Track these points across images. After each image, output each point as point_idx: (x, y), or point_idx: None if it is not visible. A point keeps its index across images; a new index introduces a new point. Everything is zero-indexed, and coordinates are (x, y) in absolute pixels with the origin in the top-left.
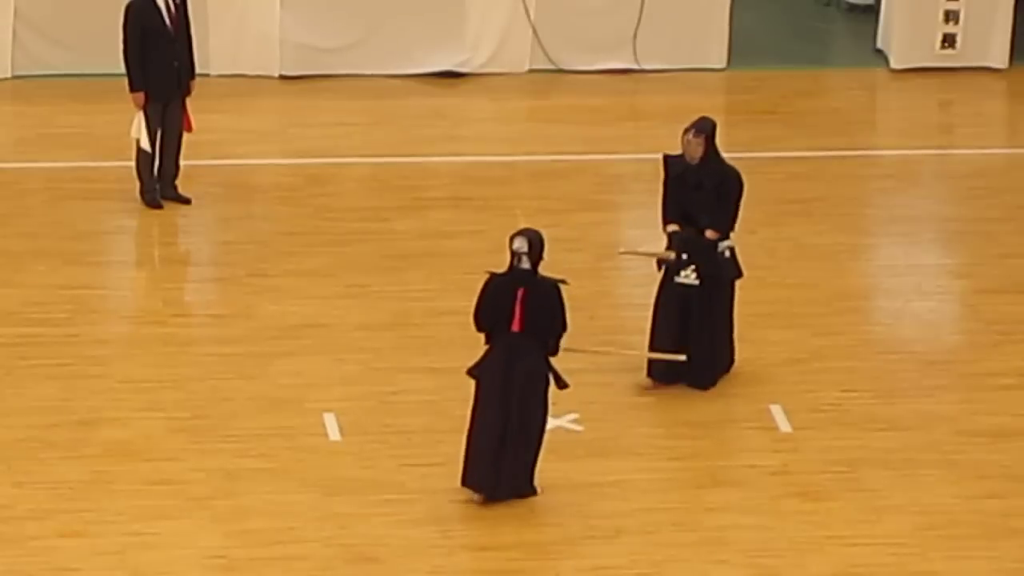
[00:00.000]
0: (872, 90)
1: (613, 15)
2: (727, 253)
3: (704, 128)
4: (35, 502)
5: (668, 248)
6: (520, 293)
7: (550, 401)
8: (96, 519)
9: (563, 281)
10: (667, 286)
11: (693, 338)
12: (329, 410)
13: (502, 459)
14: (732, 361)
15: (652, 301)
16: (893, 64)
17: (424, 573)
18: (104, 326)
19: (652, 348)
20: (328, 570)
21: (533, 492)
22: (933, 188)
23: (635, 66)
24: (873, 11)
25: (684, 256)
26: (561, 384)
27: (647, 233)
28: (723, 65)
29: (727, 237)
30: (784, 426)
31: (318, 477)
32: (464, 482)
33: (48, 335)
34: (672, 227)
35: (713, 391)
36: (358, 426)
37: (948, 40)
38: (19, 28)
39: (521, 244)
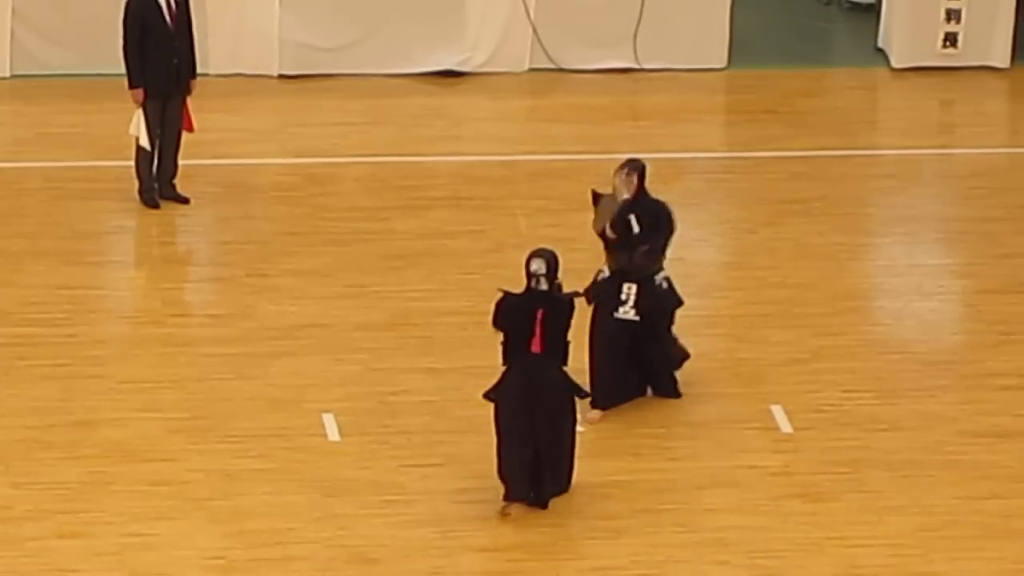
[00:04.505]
0: (873, 89)
1: (613, 14)
2: (664, 284)
3: (636, 167)
4: (33, 503)
5: (590, 288)
6: (540, 314)
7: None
8: (94, 520)
9: (577, 294)
10: (605, 321)
11: (647, 363)
12: (328, 410)
13: (540, 472)
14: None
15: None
16: (894, 63)
17: (424, 574)
18: (102, 326)
19: (596, 382)
20: (327, 571)
21: (568, 488)
22: (934, 188)
23: (635, 65)
24: (874, 10)
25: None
26: (582, 394)
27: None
28: (723, 64)
29: (660, 268)
30: (785, 427)
31: (317, 478)
32: (508, 497)
33: (46, 335)
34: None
35: (713, 391)
36: (358, 426)
37: (950, 39)
38: (17, 27)
39: (539, 266)
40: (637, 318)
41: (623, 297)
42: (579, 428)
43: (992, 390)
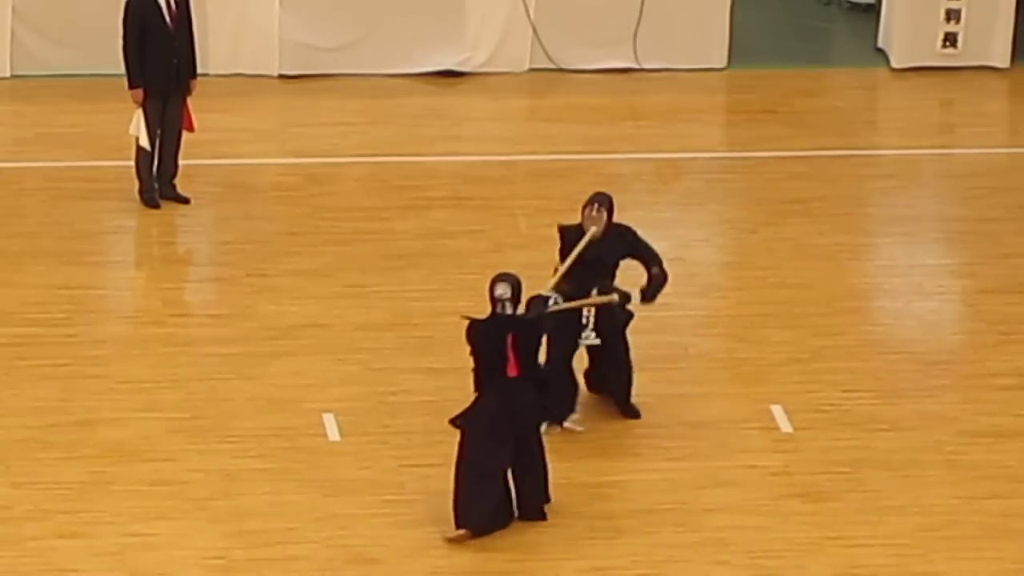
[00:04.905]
0: (873, 89)
1: (613, 14)
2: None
3: (604, 201)
4: (33, 503)
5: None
6: (510, 339)
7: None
8: (94, 520)
9: (545, 302)
10: (568, 348)
11: (612, 382)
12: (328, 410)
13: (523, 489)
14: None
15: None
16: (894, 63)
17: (423, 574)
18: (103, 326)
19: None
20: (327, 571)
21: (548, 499)
22: (934, 188)
23: (635, 65)
24: (874, 10)
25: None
26: (550, 414)
27: (647, 233)
28: (723, 64)
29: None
30: (785, 426)
31: (317, 478)
32: (459, 524)
33: (46, 335)
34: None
35: (713, 391)
36: (358, 426)
37: (949, 39)
38: (17, 27)
39: (504, 290)
40: (599, 341)
41: (584, 321)
42: (579, 428)
43: (992, 390)
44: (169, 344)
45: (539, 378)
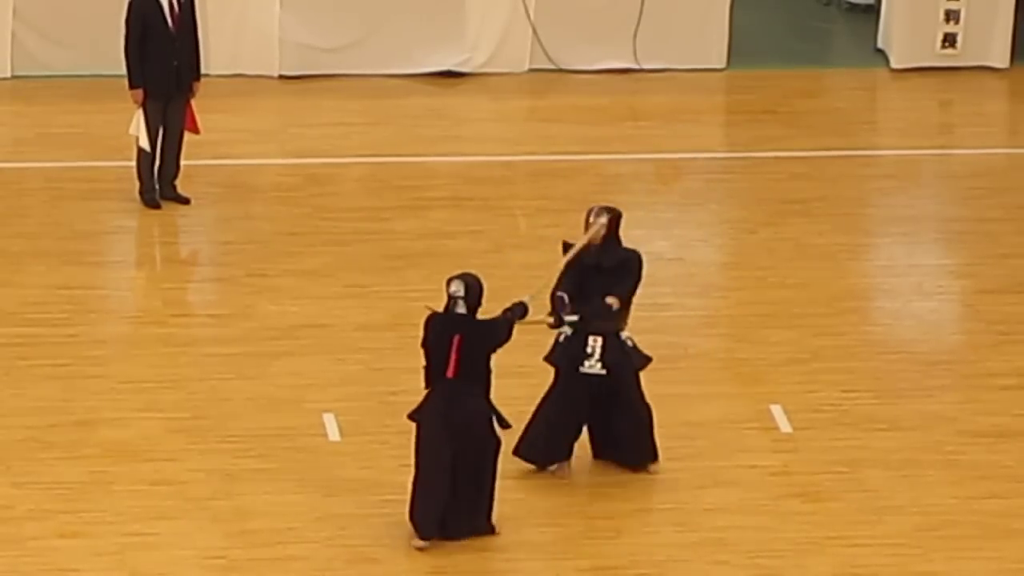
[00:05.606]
0: (872, 90)
1: (613, 14)
2: (629, 343)
3: (610, 209)
4: (34, 502)
5: (551, 314)
6: (456, 339)
7: (500, 436)
8: (95, 519)
9: (510, 320)
10: (566, 379)
11: (616, 423)
12: (329, 410)
13: (455, 503)
14: (656, 455)
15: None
16: (893, 64)
17: (424, 574)
18: (103, 326)
19: (528, 433)
20: (328, 571)
21: (491, 531)
22: (934, 188)
23: (635, 66)
24: (873, 10)
25: (569, 315)
26: (504, 424)
27: (647, 233)
28: (723, 65)
29: (624, 326)
30: (784, 426)
31: (318, 477)
32: (416, 530)
33: (47, 335)
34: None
35: (713, 391)
36: (358, 426)
37: (949, 40)
38: (18, 28)
39: (457, 288)
40: (604, 371)
41: (588, 351)
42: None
43: (992, 390)
44: (170, 344)
45: (486, 387)
